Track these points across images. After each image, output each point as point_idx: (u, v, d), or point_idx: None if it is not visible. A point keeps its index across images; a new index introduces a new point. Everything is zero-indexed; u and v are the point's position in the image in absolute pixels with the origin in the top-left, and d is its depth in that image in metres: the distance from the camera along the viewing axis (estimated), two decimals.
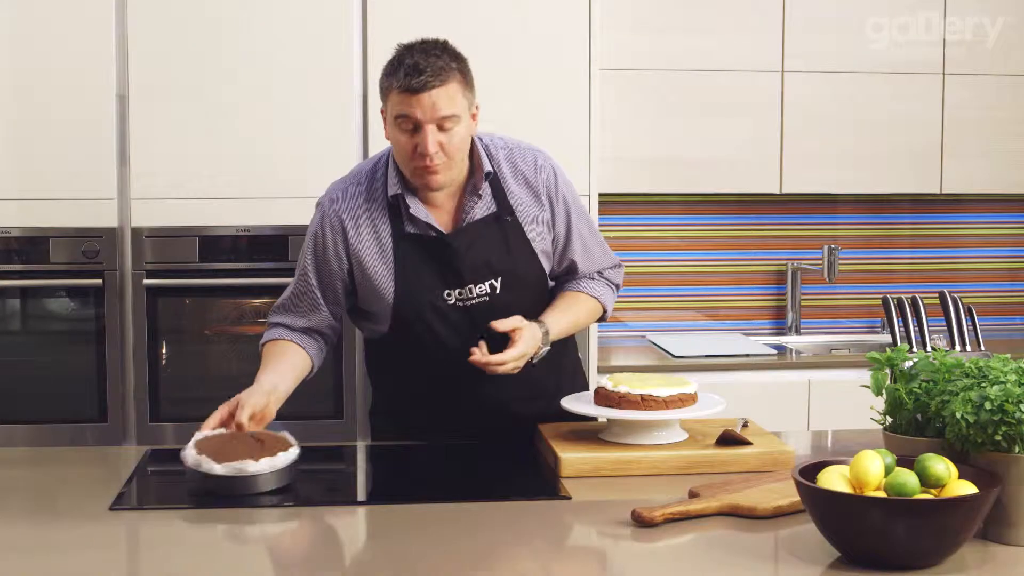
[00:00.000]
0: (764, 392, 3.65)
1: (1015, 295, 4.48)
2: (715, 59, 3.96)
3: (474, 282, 2.39)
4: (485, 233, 2.39)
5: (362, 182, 2.42)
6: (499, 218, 2.40)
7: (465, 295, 2.39)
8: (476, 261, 2.38)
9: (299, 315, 2.48)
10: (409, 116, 2.24)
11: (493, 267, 2.39)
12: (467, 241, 2.37)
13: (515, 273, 2.41)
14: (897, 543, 1.63)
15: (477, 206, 2.38)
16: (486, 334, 2.34)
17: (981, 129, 4.07)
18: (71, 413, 3.48)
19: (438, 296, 2.38)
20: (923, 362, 1.92)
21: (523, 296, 2.43)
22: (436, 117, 2.23)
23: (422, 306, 2.39)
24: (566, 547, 1.88)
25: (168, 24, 3.46)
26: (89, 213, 3.45)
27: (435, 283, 2.38)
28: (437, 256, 2.37)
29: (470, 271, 2.38)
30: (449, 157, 2.28)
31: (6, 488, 2.23)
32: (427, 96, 2.22)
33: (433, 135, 2.24)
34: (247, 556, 1.82)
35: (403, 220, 2.37)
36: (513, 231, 2.41)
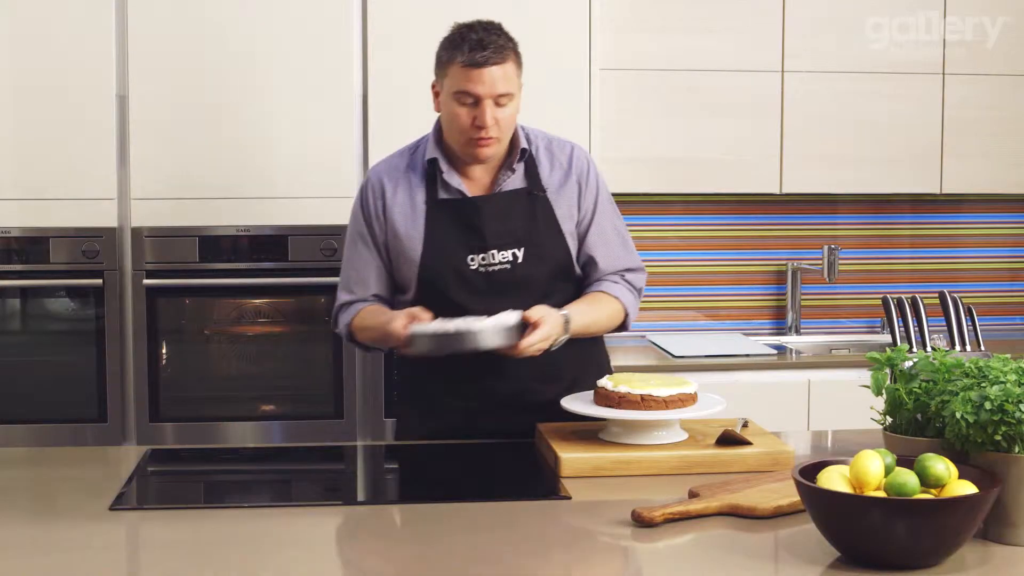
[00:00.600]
0: (764, 392, 3.65)
1: (1015, 295, 4.48)
2: (715, 59, 3.95)
3: (497, 248, 2.45)
4: (513, 203, 2.47)
5: (405, 154, 2.56)
6: (530, 193, 2.48)
7: (488, 260, 2.45)
8: (501, 228, 2.45)
9: (366, 286, 2.53)
10: (470, 91, 2.36)
11: (517, 236, 2.46)
12: (494, 207, 2.46)
13: (539, 246, 2.47)
14: (897, 543, 1.63)
15: (509, 180, 2.48)
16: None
17: (981, 129, 4.07)
18: (71, 413, 3.48)
19: (461, 260, 2.45)
20: (923, 362, 1.92)
21: (544, 270, 2.48)
22: (495, 93, 2.36)
23: (446, 269, 2.44)
24: (566, 547, 1.88)
25: (168, 24, 3.46)
26: (89, 213, 3.45)
27: (460, 247, 2.45)
28: (465, 220, 2.45)
29: (494, 236, 2.45)
30: (501, 132, 2.40)
31: (6, 488, 2.23)
32: (488, 72, 2.35)
33: (491, 109, 2.36)
34: (247, 556, 1.82)
35: (437, 187, 2.47)
36: (541, 206, 2.48)
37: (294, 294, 3.57)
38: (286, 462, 2.52)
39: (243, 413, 3.56)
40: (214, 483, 2.42)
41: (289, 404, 3.59)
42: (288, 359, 3.59)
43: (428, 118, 3.52)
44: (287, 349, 3.60)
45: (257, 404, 3.58)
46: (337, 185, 3.50)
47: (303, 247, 3.51)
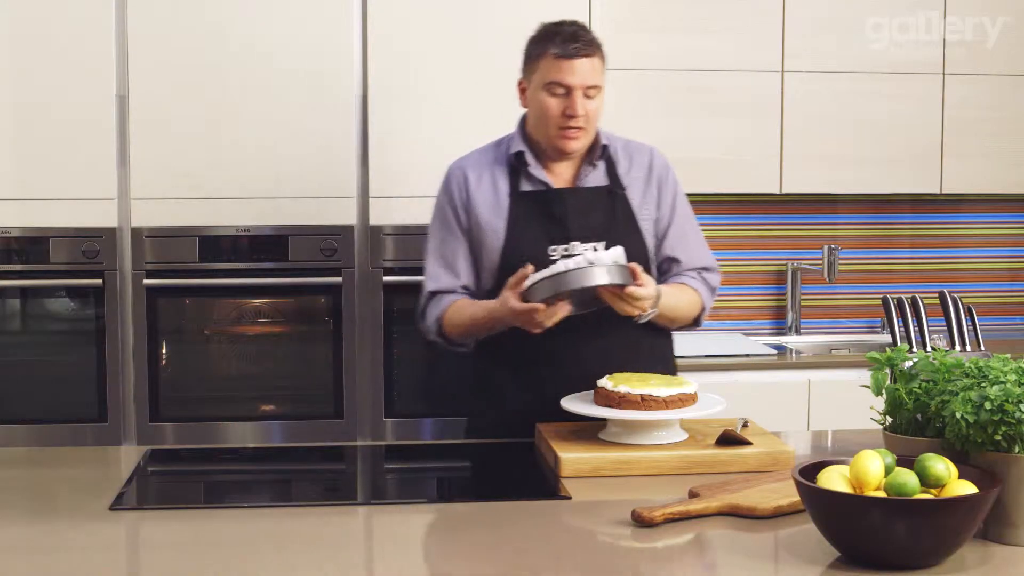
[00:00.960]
0: (764, 392, 3.65)
1: (1015, 295, 4.48)
2: (715, 59, 3.95)
3: (579, 240, 2.49)
4: (595, 199, 2.54)
5: (488, 148, 2.63)
6: (611, 191, 2.54)
7: (569, 252, 2.48)
8: (582, 220, 2.50)
9: (455, 274, 2.56)
10: (561, 82, 2.45)
11: (597, 231, 2.51)
12: (577, 200, 2.53)
13: (618, 242, 2.49)
14: (897, 543, 1.63)
15: (591, 176, 2.55)
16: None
17: (981, 129, 4.07)
18: (71, 413, 3.48)
19: (543, 250, 2.48)
20: (923, 362, 1.92)
21: None
22: (585, 84, 2.45)
23: (527, 259, 2.45)
24: (566, 547, 1.88)
25: (168, 24, 3.46)
26: (89, 213, 3.45)
27: (541, 237, 2.50)
28: (547, 211, 2.51)
29: (576, 228, 2.50)
30: (589, 124, 2.48)
31: (6, 488, 2.23)
32: (579, 63, 2.45)
33: (581, 100, 2.45)
34: (247, 556, 1.82)
35: (520, 179, 2.54)
36: (621, 204, 2.54)
37: (294, 294, 3.56)
38: (286, 462, 2.52)
39: (243, 413, 3.56)
40: (214, 483, 2.42)
41: (289, 404, 3.59)
42: (288, 359, 3.59)
43: (428, 118, 3.53)
44: (287, 349, 3.60)
45: (257, 404, 3.58)
46: (337, 185, 3.50)
47: (303, 247, 3.51)
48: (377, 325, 3.52)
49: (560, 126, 2.47)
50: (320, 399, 3.55)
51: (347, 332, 3.52)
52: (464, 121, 3.50)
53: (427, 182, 3.45)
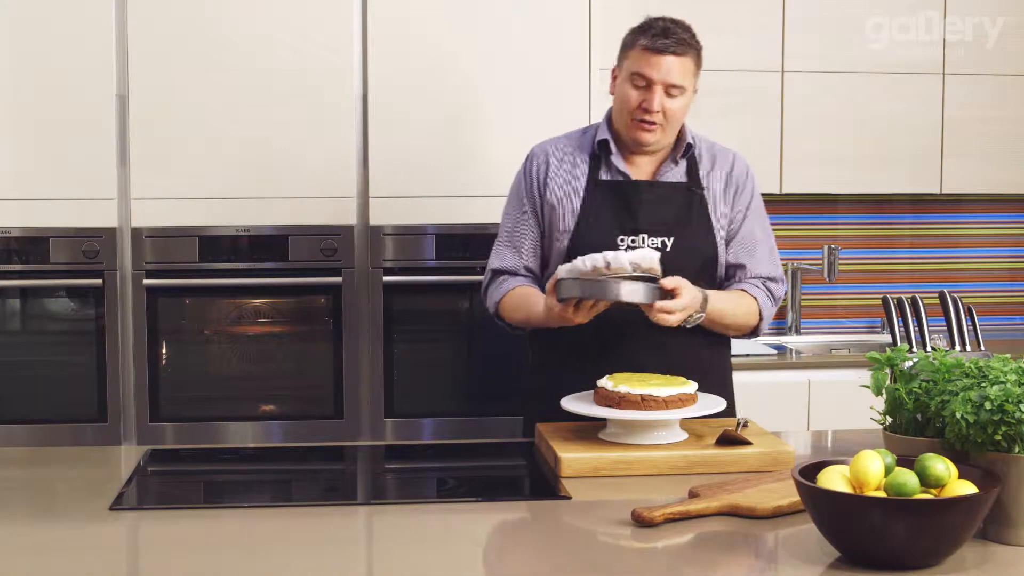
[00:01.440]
0: (764, 392, 3.65)
1: (1015, 295, 4.48)
2: (715, 59, 3.93)
3: (648, 232, 2.50)
4: (671, 194, 2.55)
5: (573, 135, 2.65)
6: (689, 188, 2.55)
7: (637, 244, 2.50)
8: (655, 214, 2.51)
9: (519, 254, 2.58)
10: (644, 74, 2.47)
11: (669, 226, 2.51)
12: (652, 193, 2.54)
13: (688, 239, 2.51)
14: (897, 543, 1.63)
15: (671, 172, 2.57)
16: None
17: (981, 129, 4.07)
18: (71, 413, 3.48)
19: (612, 239, 2.50)
20: (923, 362, 1.92)
21: (691, 264, 2.51)
22: (667, 81, 2.47)
23: (595, 246, 2.45)
24: (566, 547, 1.88)
25: (168, 24, 3.46)
26: (89, 213, 3.45)
27: (612, 225, 2.51)
28: (622, 201, 2.53)
29: (647, 221, 2.51)
30: (667, 121, 2.50)
31: (6, 488, 2.23)
32: (666, 60, 2.47)
33: (660, 96, 2.47)
34: (247, 556, 1.82)
35: (601, 167, 2.56)
36: (698, 203, 2.56)
37: (294, 294, 3.56)
38: (286, 462, 2.52)
39: (243, 413, 3.56)
40: (214, 483, 2.42)
41: (289, 404, 3.59)
42: (288, 359, 3.59)
43: (428, 119, 3.53)
44: (287, 349, 3.60)
45: (257, 404, 3.58)
46: (337, 185, 3.50)
47: (303, 247, 3.51)
48: (377, 325, 3.52)
49: (636, 118, 2.49)
50: (320, 399, 3.54)
51: (347, 332, 3.52)
52: (464, 121, 3.50)
53: (427, 182, 3.46)
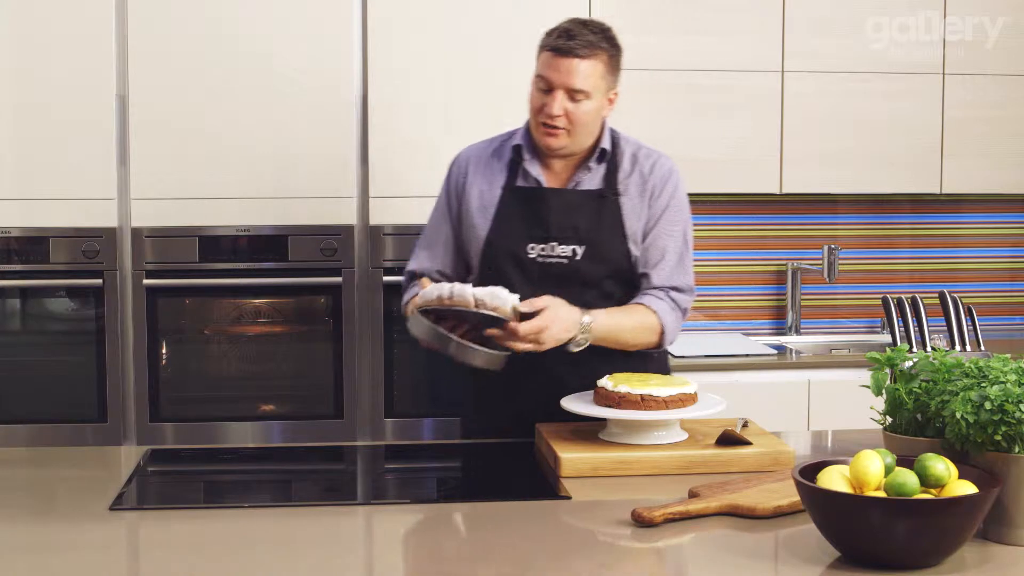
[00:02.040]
0: (764, 392, 3.65)
1: (1015, 295, 4.48)
2: (715, 59, 3.95)
3: (558, 241, 2.48)
4: (584, 202, 2.51)
5: (495, 140, 2.63)
6: (602, 195, 2.51)
7: (547, 252, 2.49)
8: (565, 221, 2.49)
9: (433, 256, 2.59)
10: (545, 77, 2.43)
11: (580, 233, 2.49)
12: (564, 200, 2.51)
13: (600, 247, 2.49)
14: (897, 543, 1.63)
15: (586, 179, 2.52)
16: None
17: (981, 129, 4.07)
18: (71, 413, 3.48)
19: (522, 247, 2.49)
20: (923, 362, 1.92)
21: (601, 270, 2.50)
22: (568, 84, 2.40)
23: (507, 254, 2.49)
24: (566, 547, 1.88)
25: (168, 24, 3.46)
26: (89, 213, 3.45)
27: (523, 233, 2.50)
28: (533, 208, 2.51)
29: (557, 228, 2.49)
30: (572, 125, 2.44)
31: (6, 488, 2.23)
32: (567, 62, 2.40)
33: (561, 100, 2.41)
34: (247, 556, 1.82)
35: (517, 174, 2.54)
36: (611, 210, 2.51)
37: (294, 294, 3.56)
38: (286, 462, 2.52)
39: (243, 413, 3.56)
40: (214, 483, 2.42)
41: (289, 404, 3.59)
42: (288, 359, 3.59)
43: (428, 118, 3.53)
44: (287, 349, 3.60)
45: (257, 404, 3.58)
46: (337, 185, 3.50)
47: (303, 247, 3.51)
48: (377, 325, 3.52)
49: (540, 122, 2.45)
50: (320, 399, 3.54)
51: (347, 332, 3.52)
52: (463, 121, 3.50)
53: (427, 182, 3.45)
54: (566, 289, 2.45)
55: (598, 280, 2.51)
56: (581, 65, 2.40)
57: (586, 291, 2.49)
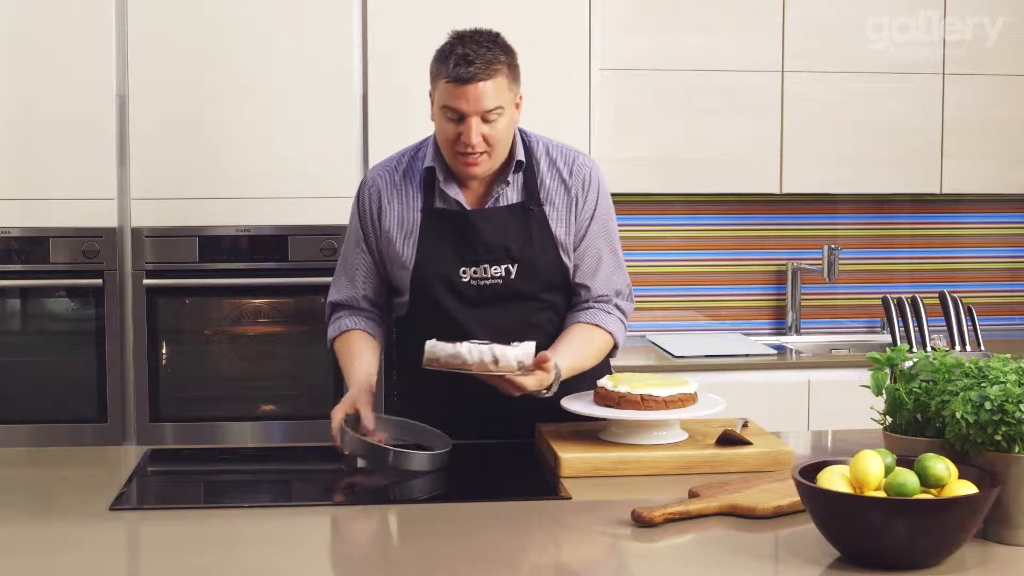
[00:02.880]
0: (764, 392, 3.65)
1: (1015, 295, 4.48)
2: (715, 59, 3.95)
3: (489, 263, 2.43)
4: (508, 219, 2.44)
5: (403, 159, 2.52)
6: (525, 208, 2.45)
7: (480, 274, 2.43)
8: (494, 242, 2.42)
9: (355, 287, 2.53)
10: (454, 107, 2.31)
11: (511, 252, 2.43)
12: (489, 221, 2.43)
13: (532, 262, 2.44)
14: (897, 543, 1.63)
15: (506, 192, 2.44)
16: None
17: (981, 129, 4.07)
18: (71, 413, 3.48)
19: (454, 272, 2.43)
20: (923, 362, 1.92)
21: (537, 284, 2.46)
22: (481, 110, 2.31)
23: (437, 280, 2.43)
24: (566, 547, 1.88)
25: (168, 24, 3.46)
26: (89, 213, 3.45)
27: (453, 259, 2.43)
28: (459, 232, 2.43)
29: (486, 251, 2.42)
30: (491, 147, 2.35)
31: (6, 488, 2.23)
32: (473, 89, 2.30)
33: (477, 126, 2.31)
34: (247, 556, 1.82)
35: (434, 195, 2.45)
36: (537, 222, 2.44)
37: (294, 294, 3.57)
38: (286, 462, 2.52)
39: (243, 413, 3.56)
40: (214, 483, 2.42)
41: (289, 404, 3.59)
42: (288, 359, 3.59)
43: (428, 118, 3.52)
44: (287, 349, 3.60)
45: (257, 404, 3.58)
46: (337, 185, 3.50)
47: (303, 247, 3.51)
48: None
49: (458, 151, 2.34)
50: (320, 399, 3.54)
51: None
52: None
53: None
54: (503, 307, 2.43)
55: (535, 294, 2.46)
56: (488, 86, 2.30)
57: (524, 305, 2.46)
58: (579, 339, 2.45)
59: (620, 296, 2.53)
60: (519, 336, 2.34)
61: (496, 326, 2.41)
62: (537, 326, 2.46)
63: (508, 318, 2.43)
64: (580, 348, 2.44)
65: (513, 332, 2.37)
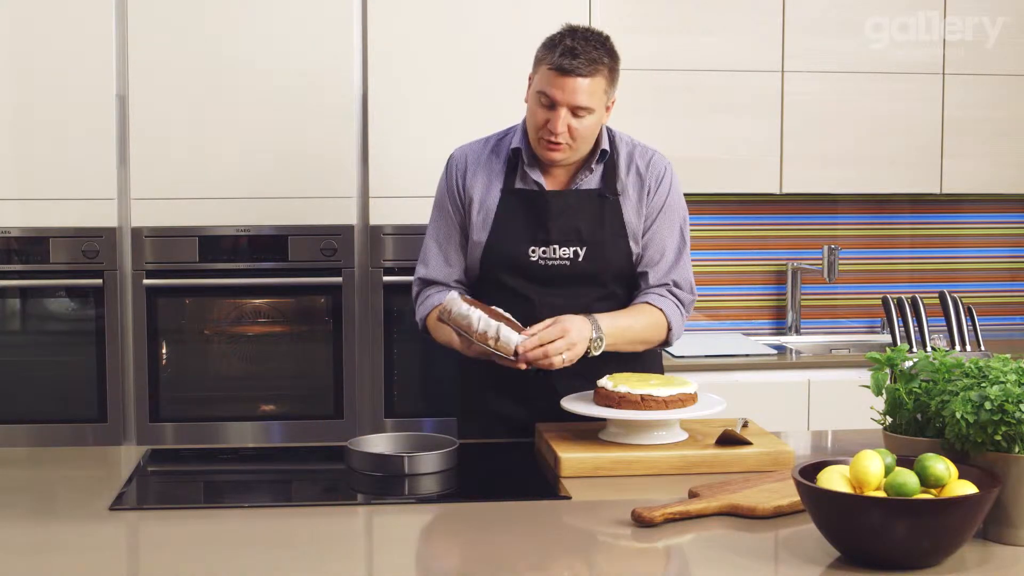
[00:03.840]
0: (764, 392, 3.65)
1: (1015, 295, 4.48)
2: (715, 59, 3.95)
3: (559, 243, 2.48)
4: (584, 203, 2.51)
5: (491, 140, 2.61)
6: (602, 195, 2.51)
7: (549, 255, 2.49)
8: (566, 224, 2.48)
9: (450, 265, 2.57)
10: (549, 95, 2.39)
11: (581, 235, 2.49)
12: (564, 203, 2.50)
13: (601, 247, 2.49)
14: (897, 543, 1.63)
15: (587, 179, 2.52)
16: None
17: (981, 129, 4.07)
18: (71, 413, 3.48)
19: (523, 251, 2.49)
20: (923, 362, 1.92)
21: (604, 271, 2.51)
22: (573, 104, 2.39)
23: (508, 257, 2.49)
24: (566, 547, 1.88)
25: (168, 24, 3.46)
26: (89, 213, 3.45)
27: (524, 236, 2.50)
28: (534, 211, 2.50)
29: (558, 231, 2.48)
30: (574, 140, 2.43)
31: (6, 488, 2.23)
32: (571, 82, 2.38)
33: (565, 118, 2.40)
34: (247, 556, 1.82)
35: (516, 176, 2.53)
36: (611, 209, 2.51)
37: (294, 294, 3.56)
38: (286, 462, 2.52)
39: (243, 413, 3.56)
40: (214, 483, 2.42)
41: (289, 404, 3.59)
42: (288, 359, 3.59)
43: (428, 119, 3.53)
44: (287, 349, 3.60)
45: (257, 404, 3.58)
46: (337, 185, 3.50)
47: (303, 247, 3.51)
48: (377, 325, 3.52)
49: (542, 137, 2.43)
50: (320, 399, 3.54)
51: (347, 332, 3.52)
52: (463, 121, 3.49)
53: (426, 182, 3.45)
54: (568, 289, 2.48)
55: (600, 280, 2.52)
56: (585, 83, 2.39)
57: (588, 291, 2.51)
58: (625, 310, 2.51)
59: (678, 287, 2.57)
60: None
61: (560, 307, 2.44)
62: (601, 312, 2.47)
63: (573, 300, 2.46)
64: (624, 315, 2.49)
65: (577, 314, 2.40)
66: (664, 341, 2.56)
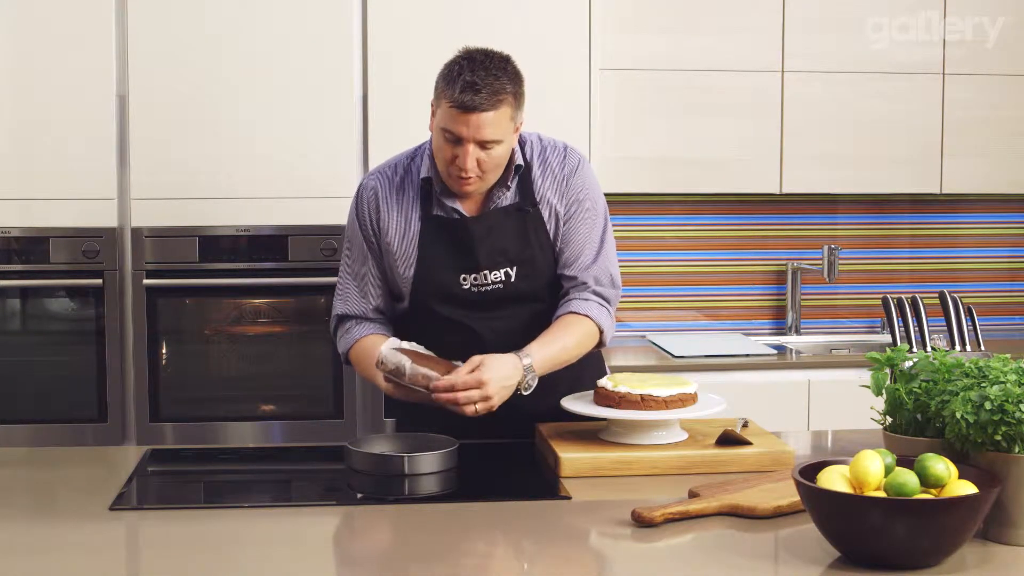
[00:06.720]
0: (764, 392, 3.65)
1: (1015, 295, 4.48)
2: (715, 59, 3.95)
3: (489, 268, 2.42)
4: (505, 221, 2.43)
5: (399, 166, 2.49)
6: (521, 208, 2.44)
7: (480, 280, 2.43)
8: (493, 247, 2.42)
9: (366, 299, 2.50)
10: (454, 132, 2.28)
11: (509, 255, 2.43)
12: (486, 227, 2.42)
13: (531, 263, 2.44)
14: (897, 543, 1.63)
15: (503, 196, 2.43)
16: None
17: (981, 129, 4.07)
18: (71, 413, 3.48)
19: (454, 280, 2.42)
20: (923, 362, 1.92)
21: (537, 285, 2.46)
22: (480, 138, 2.28)
23: (438, 288, 2.43)
24: (566, 547, 1.88)
25: (168, 24, 3.46)
26: (89, 213, 3.45)
27: (452, 266, 2.42)
28: (457, 240, 2.42)
29: (486, 257, 2.42)
30: (484, 172, 2.33)
31: (6, 488, 2.23)
32: (475, 118, 2.26)
33: (474, 152, 2.29)
34: (247, 556, 1.82)
35: (432, 203, 2.43)
36: (534, 222, 2.44)
37: (294, 294, 3.56)
38: (286, 462, 2.52)
39: (243, 413, 3.56)
40: (214, 483, 2.42)
41: (289, 404, 3.59)
42: (288, 359, 3.59)
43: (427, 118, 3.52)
44: (287, 349, 3.60)
45: (257, 404, 3.58)
46: (337, 185, 3.50)
47: (303, 247, 3.51)
48: None
49: (452, 173, 2.33)
50: (320, 399, 3.55)
51: None
52: None
53: None
54: (506, 310, 2.44)
55: (537, 295, 2.46)
56: (490, 116, 2.26)
57: (526, 307, 2.46)
58: (553, 328, 2.42)
59: (600, 284, 2.47)
60: (527, 338, 2.35)
61: (501, 329, 2.43)
62: (543, 326, 2.44)
63: (513, 320, 2.44)
64: (552, 337, 2.39)
65: (519, 333, 2.38)
66: (598, 344, 2.49)
